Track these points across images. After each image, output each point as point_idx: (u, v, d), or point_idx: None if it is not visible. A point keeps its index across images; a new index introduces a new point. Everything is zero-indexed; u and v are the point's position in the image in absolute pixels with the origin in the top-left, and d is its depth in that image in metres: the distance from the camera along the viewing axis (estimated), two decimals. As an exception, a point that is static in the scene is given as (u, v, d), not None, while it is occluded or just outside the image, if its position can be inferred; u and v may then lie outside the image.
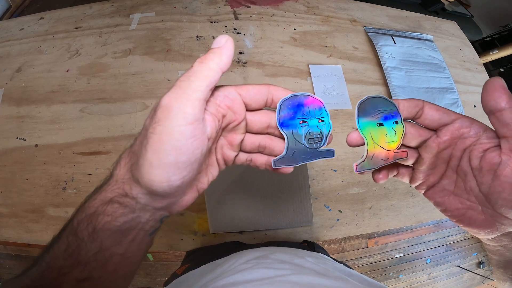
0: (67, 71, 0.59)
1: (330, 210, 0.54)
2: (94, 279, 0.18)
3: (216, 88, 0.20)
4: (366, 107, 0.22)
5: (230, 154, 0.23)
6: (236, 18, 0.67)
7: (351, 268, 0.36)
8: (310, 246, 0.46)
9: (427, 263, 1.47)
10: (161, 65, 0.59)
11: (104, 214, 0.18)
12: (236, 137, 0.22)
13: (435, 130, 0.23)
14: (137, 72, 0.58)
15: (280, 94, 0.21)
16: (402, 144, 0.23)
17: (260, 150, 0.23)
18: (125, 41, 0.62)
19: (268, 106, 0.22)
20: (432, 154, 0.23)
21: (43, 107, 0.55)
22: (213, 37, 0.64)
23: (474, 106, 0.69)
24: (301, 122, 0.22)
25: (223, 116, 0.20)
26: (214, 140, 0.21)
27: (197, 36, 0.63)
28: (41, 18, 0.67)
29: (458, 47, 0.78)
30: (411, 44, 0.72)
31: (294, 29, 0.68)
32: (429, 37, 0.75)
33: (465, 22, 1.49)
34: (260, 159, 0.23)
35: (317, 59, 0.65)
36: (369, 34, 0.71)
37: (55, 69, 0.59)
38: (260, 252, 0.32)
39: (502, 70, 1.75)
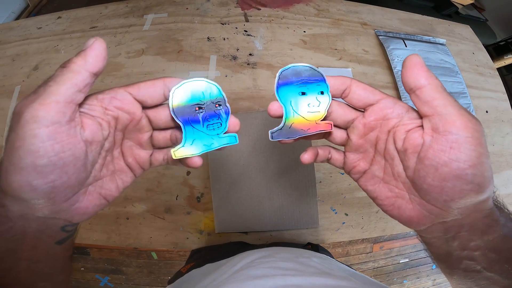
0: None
1: (336, 213, 0.54)
2: (8, 285, 0.19)
3: (101, 91, 0.19)
4: (288, 75, 0.21)
5: (143, 154, 0.22)
6: (247, 20, 0.68)
7: (354, 270, 0.36)
8: (314, 248, 0.46)
9: (432, 269, 1.44)
10: (172, 65, 0.60)
11: None
12: (142, 135, 0.22)
13: (362, 110, 0.22)
14: (149, 72, 0.60)
15: (175, 84, 0.20)
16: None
17: (173, 142, 0.23)
18: (138, 41, 0.63)
19: (167, 99, 0.21)
20: (359, 135, 0.23)
21: (58, 104, 0.57)
22: (224, 39, 0.64)
23: (487, 112, 0.68)
24: (196, 108, 0.21)
25: (115, 118, 0.20)
26: (112, 146, 0.21)
27: (208, 37, 0.64)
28: (59, 17, 0.69)
29: (471, 51, 0.77)
30: (423, 48, 0.71)
31: (304, 31, 0.68)
32: (442, 41, 0.74)
33: (479, 26, 1.46)
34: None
35: (326, 62, 0.65)
36: (380, 37, 0.70)
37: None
38: (265, 252, 0.32)
39: (516, 75, 1.70)
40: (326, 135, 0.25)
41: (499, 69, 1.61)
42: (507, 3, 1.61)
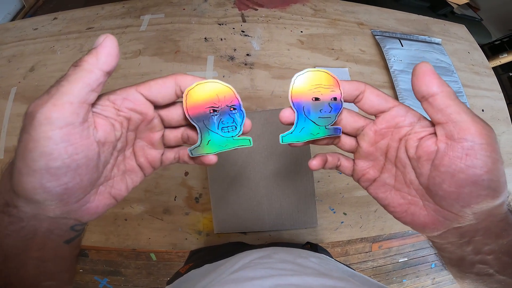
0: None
1: (334, 212, 0.54)
2: (13, 285, 0.19)
3: (113, 92, 0.19)
4: (304, 81, 0.21)
5: (155, 154, 0.22)
6: (244, 21, 0.68)
7: (353, 269, 0.36)
8: (313, 248, 0.46)
9: (431, 267, 1.44)
10: (170, 66, 0.60)
11: None
12: (154, 135, 0.22)
13: (373, 118, 0.22)
14: (146, 72, 0.59)
15: (187, 82, 0.20)
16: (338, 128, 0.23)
17: (185, 141, 0.23)
18: (135, 42, 0.63)
19: (179, 97, 0.21)
20: (370, 142, 0.23)
21: (55, 106, 0.57)
22: (221, 39, 0.64)
23: (483, 110, 0.69)
24: (211, 111, 0.21)
25: (128, 119, 0.19)
26: (124, 146, 0.21)
27: (205, 38, 0.64)
28: (55, 18, 0.69)
29: (466, 50, 0.78)
30: (419, 48, 0.71)
31: (301, 31, 0.69)
32: (438, 40, 0.75)
33: (474, 26, 1.48)
34: (187, 152, 0.23)
35: (324, 62, 0.65)
36: (376, 37, 0.71)
37: (68, 68, 0.60)
38: (264, 252, 0.32)
39: (511, 74, 1.72)
40: (335, 140, 0.25)
41: (494, 68, 1.63)
42: (502, 2, 1.62)
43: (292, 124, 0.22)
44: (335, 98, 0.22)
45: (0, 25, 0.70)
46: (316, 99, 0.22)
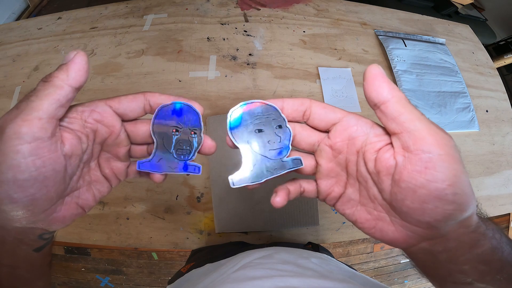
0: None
1: (336, 212, 0.54)
2: None
3: (81, 104, 0.19)
4: (241, 115, 0.21)
5: (120, 166, 0.22)
6: (246, 20, 0.68)
7: (355, 269, 0.36)
8: (314, 248, 0.46)
9: (434, 270, 1.44)
10: (172, 65, 0.60)
11: None
12: (120, 150, 0.22)
13: (327, 132, 0.21)
14: (149, 72, 0.60)
15: (157, 99, 0.21)
16: (294, 150, 0.21)
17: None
18: (138, 42, 0.63)
19: (147, 113, 0.21)
20: (328, 159, 0.21)
21: (59, 105, 0.57)
22: (224, 39, 0.64)
23: (487, 111, 0.68)
24: (173, 130, 0.21)
25: (94, 131, 0.20)
26: (89, 158, 0.21)
27: (208, 38, 0.64)
28: (59, 18, 0.69)
29: (471, 50, 0.77)
30: (423, 48, 0.71)
31: (304, 31, 0.69)
32: (441, 40, 0.74)
33: (478, 26, 1.46)
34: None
35: (326, 62, 0.65)
36: (380, 37, 0.70)
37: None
38: (265, 252, 0.32)
39: (516, 75, 1.70)
40: (298, 170, 0.23)
41: (499, 69, 1.61)
42: (506, 2, 1.61)
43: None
44: (279, 126, 0.20)
45: (5, 25, 0.71)
46: (260, 130, 0.21)
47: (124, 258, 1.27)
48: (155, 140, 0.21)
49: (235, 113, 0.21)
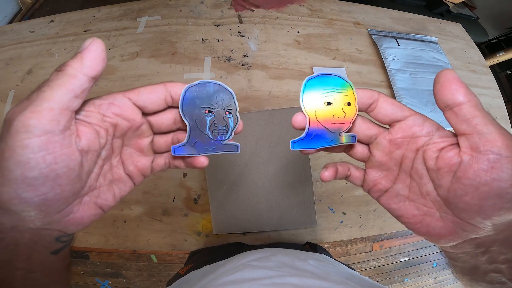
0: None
1: (333, 212, 0.54)
2: None
3: (99, 97, 0.18)
4: (316, 84, 0.21)
5: (144, 161, 0.22)
6: (241, 22, 0.68)
7: (353, 269, 0.36)
8: (312, 248, 0.46)
9: (433, 266, 1.44)
10: (167, 67, 0.60)
11: None
12: (142, 141, 0.21)
13: (387, 127, 0.22)
14: (144, 74, 0.59)
15: (178, 89, 0.20)
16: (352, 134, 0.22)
17: None
18: (132, 44, 0.63)
19: (168, 105, 0.20)
20: (383, 152, 0.22)
21: (53, 108, 0.57)
22: (218, 40, 0.65)
23: (480, 109, 0.69)
24: (206, 111, 0.20)
25: (114, 126, 0.19)
26: (110, 154, 0.20)
27: (202, 39, 0.64)
28: (52, 21, 0.69)
29: (463, 49, 0.78)
30: (415, 46, 0.72)
31: (298, 32, 0.69)
32: (434, 39, 0.75)
33: (470, 24, 1.48)
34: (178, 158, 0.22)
35: (321, 62, 0.65)
36: (373, 36, 0.71)
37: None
38: (262, 254, 0.32)
39: (509, 72, 1.72)
40: (347, 148, 0.24)
41: (492, 67, 1.64)
42: (498, 1, 1.63)
43: (304, 129, 0.21)
44: (348, 103, 0.21)
45: (-3, 29, 0.70)
46: (329, 103, 0.21)
47: (123, 261, 1.27)
48: (187, 123, 0.20)
49: (311, 82, 0.21)
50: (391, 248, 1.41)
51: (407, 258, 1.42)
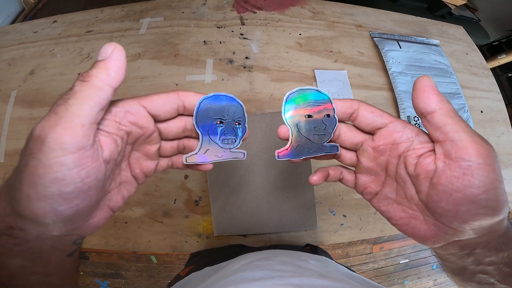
0: (79, 74, 0.60)
1: (334, 214, 0.54)
2: None
3: (114, 103, 0.18)
4: (296, 99, 0.22)
5: (149, 164, 0.22)
6: (243, 23, 0.69)
7: (353, 271, 0.36)
8: (313, 250, 0.47)
9: (433, 269, 1.44)
10: (169, 69, 0.60)
11: None
12: (151, 148, 0.21)
13: (372, 134, 0.22)
14: (146, 76, 0.60)
15: (191, 99, 0.20)
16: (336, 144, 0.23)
17: (180, 151, 0.24)
18: (134, 45, 0.63)
19: (180, 114, 0.21)
20: (369, 158, 0.23)
21: (55, 109, 0.57)
22: (220, 42, 0.65)
23: (481, 112, 0.69)
24: (218, 122, 0.22)
25: (128, 134, 0.19)
26: (121, 160, 0.20)
27: (204, 41, 0.65)
28: (55, 21, 0.69)
29: (465, 51, 0.78)
30: (417, 49, 0.72)
31: (300, 34, 0.69)
32: (435, 41, 0.75)
33: (472, 27, 1.48)
34: (181, 160, 0.23)
35: (322, 64, 0.65)
36: (375, 39, 0.71)
37: (68, 72, 0.61)
38: (263, 255, 0.32)
39: (510, 74, 1.72)
40: (335, 156, 0.25)
41: (493, 69, 1.63)
42: (499, 3, 1.63)
43: (288, 139, 0.23)
44: (328, 115, 0.22)
45: (0, 28, 0.70)
46: (309, 116, 0.22)
47: (123, 262, 1.27)
48: (200, 133, 0.21)
49: (291, 95, 0.22)
50: (391, 250, 1.41)
51: (407, 260, 1.42)
